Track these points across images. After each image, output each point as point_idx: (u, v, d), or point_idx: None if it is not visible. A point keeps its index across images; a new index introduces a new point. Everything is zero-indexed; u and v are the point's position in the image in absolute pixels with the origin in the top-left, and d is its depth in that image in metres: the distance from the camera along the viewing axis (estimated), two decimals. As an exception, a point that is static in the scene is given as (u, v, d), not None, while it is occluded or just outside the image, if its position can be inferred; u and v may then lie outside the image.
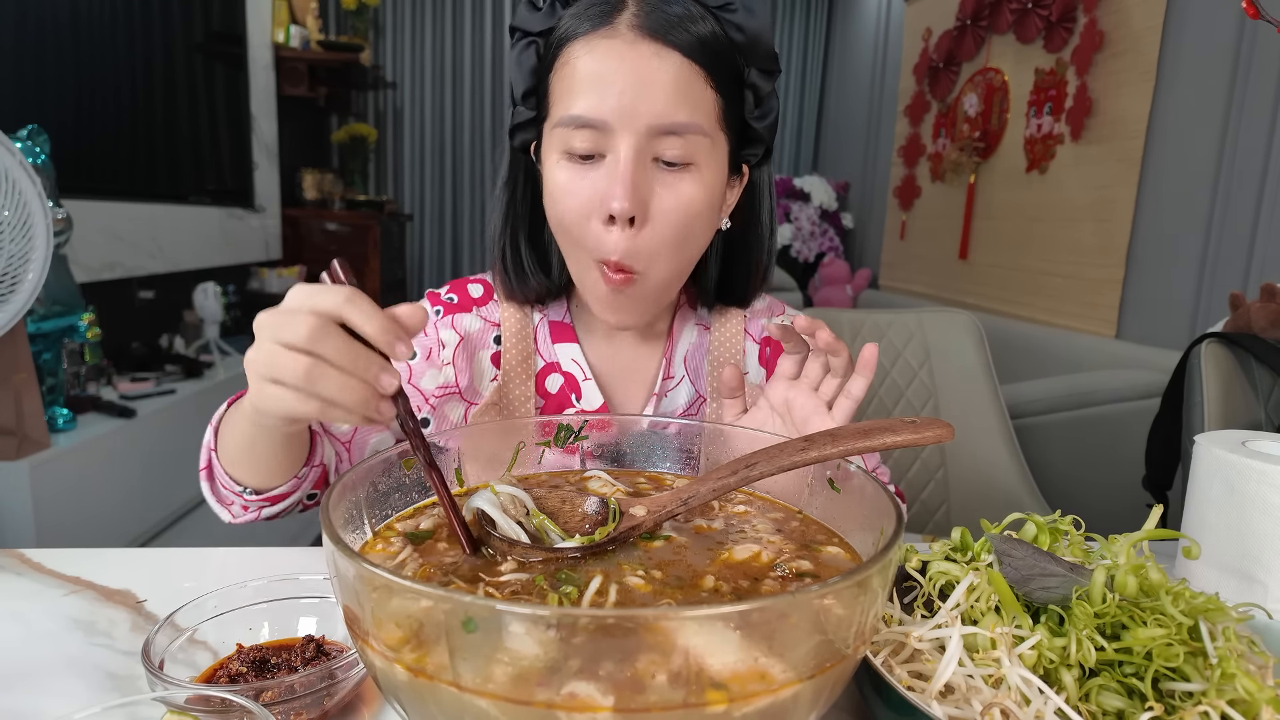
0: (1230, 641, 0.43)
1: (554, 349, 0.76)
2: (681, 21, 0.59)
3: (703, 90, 0.60)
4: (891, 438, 0.44)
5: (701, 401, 0.79)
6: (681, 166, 0.61)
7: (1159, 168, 2.27)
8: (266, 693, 0.46)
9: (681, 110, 0.59)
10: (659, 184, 0.61)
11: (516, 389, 0.74)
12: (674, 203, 0.61)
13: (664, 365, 0.77)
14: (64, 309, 1.78)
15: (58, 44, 2.26)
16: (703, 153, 0.61)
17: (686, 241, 0.63)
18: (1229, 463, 0.66)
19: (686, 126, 0.59)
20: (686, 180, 0.61)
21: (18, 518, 1.65)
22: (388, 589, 0.32)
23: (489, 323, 0.76)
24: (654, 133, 0.59)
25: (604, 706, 0.29)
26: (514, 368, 0.74)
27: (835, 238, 4.32)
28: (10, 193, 1.29)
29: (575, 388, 0.75)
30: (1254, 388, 1.22)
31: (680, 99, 0.59)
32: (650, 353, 0.78)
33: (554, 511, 0.48)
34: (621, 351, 0.78)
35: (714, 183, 0.63)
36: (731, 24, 0.61)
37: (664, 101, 0.59)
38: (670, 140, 0.60)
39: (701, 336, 0.80)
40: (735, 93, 0.63)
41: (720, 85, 0.61)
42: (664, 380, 0.77)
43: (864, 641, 0.35)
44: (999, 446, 1.62)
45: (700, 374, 0.79)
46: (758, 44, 0.62)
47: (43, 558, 0.70)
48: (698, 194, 0.61)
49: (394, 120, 4.85)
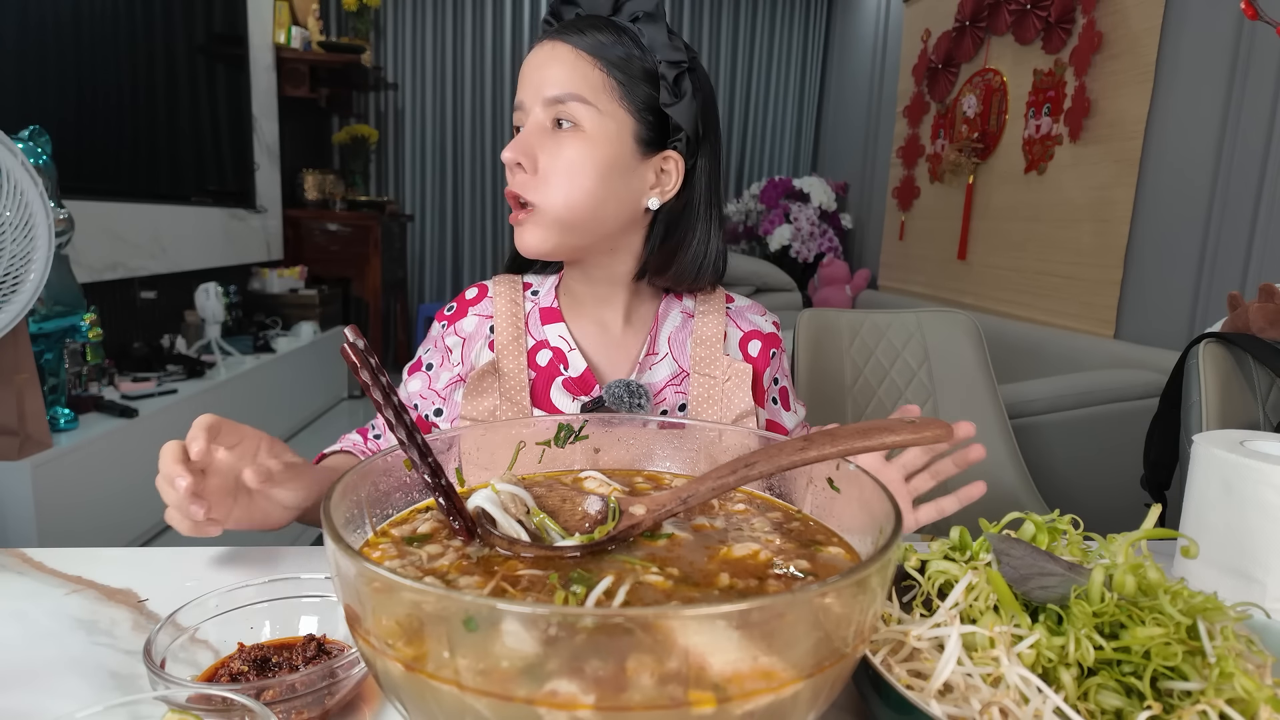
0: (1228, 641, 0.44)
1: (544, 329, 0.86)
2: (580, 29, 0.77)
3: (589, 71, 0.75)
4: (890, 438, 0.44)
5: (684, 375, 0.86)
6: (571, 128, 0.76)
7: (1157, 168, 2.28)
8: (268, 691, 0.46)
9: (569, 84, 0.75)
10: (550, 141, 0.76)
11: (509, 362, 0.84)
12: (557, 153, 0.76)
13: (648, 343, 0.87)
14: (66, 309, 1.78)
15: (60, 45, 2.27)
16: (588, 120, 0.75)
17: (576, 183, 0.76)
18: (1227, 462, 0.66)
19: (568, 96, 0.75)
20: (568, 138, 0.76)
21: (20, 517, 1.65)
22: (389, 588, 0.32)
23: (483, 317, 0.88)
24: (548, 103, 0.76)
25: (603, 706, 0.30)
26: (507, 345, 0.84)
27: (834, 238, 4.33)
28: (12, 193, 1.29)
29: (563, 359, 0.85)
30: (1252, 388, 1.22)
31: (567, 77, 0.75)
32: (635, 333, 0.88)
33: (554, 510, 0.48)
34: (607, 331, 0.87)
35: (604, 144, 0.76)
36: (629, 30, 0.77)
37: (555, 80, 0.76)
38: (558, 108, 0.76)
39: (686, 322, 0.89)
40: (640, 79, 0.77)
41: (614, 70, 0.76)
42: (648, 355, 0.86)
43: (863, 640, 0.36)
44: (998, 446, 1.62)
45: (684, 351, 0.87)
46: (655, 41, 0.77)
47: (44, 557, 0.70)
48: (579, 149, 0.75)
49: (395, 121, 4.85)
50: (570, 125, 0.76)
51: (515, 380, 0.83)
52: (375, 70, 4.66)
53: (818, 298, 4.08)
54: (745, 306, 0.93)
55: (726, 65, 4.99)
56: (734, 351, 0.89)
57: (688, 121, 0.78)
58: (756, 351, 0.90)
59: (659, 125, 0.79)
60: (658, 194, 0.80)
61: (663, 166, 0.80)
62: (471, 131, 4.88)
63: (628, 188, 0.79)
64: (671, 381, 0.86)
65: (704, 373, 0.85)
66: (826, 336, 1.68)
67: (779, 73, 5.05)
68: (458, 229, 5.02)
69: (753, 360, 0.89)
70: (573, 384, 0.84)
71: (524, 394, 0.83)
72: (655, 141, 0.79)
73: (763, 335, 0.91)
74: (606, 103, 0.76)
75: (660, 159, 0.80)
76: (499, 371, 0.83)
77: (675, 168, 0.80)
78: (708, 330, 0.87)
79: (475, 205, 4.99)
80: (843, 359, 1.67)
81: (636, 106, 0.77)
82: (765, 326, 0.92)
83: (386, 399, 0.43)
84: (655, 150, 0.79)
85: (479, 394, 0.82)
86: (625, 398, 0.80)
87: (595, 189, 0.76)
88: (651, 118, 0.78)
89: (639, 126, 0.77)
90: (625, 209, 0.79)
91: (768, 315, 0.94)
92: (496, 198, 4.99)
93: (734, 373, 0.84)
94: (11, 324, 1.35)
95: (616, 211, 0.79)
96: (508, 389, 0.83)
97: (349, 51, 4.12)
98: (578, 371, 0.84)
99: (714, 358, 0.86)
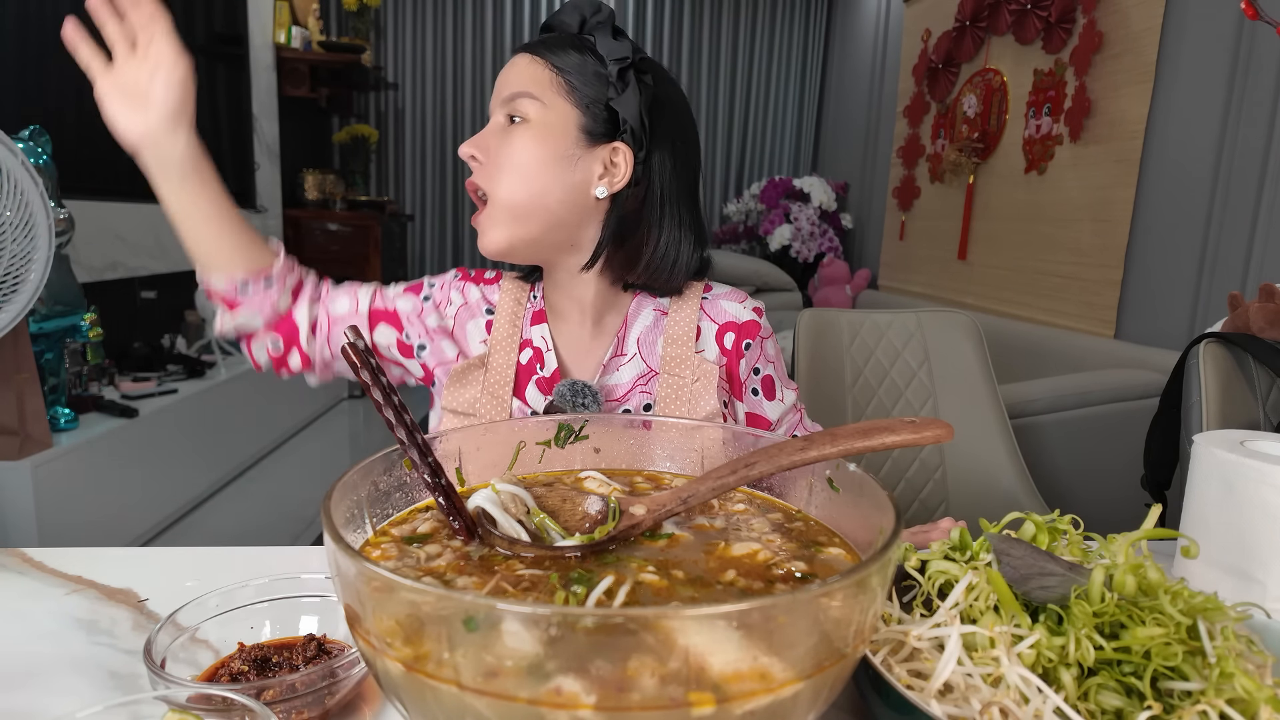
0: (1229, 641, 0.44)
1: (531, 330, 0.90)
2: (547, 42, 0.83)
3: (539, 71, 0.81)
4: (890, 437, 0.44)
5: (653, 375, 0.88)
6: (520, 123, 0.81)
7: (1158, 168, 2.28)
8: (268, 691, 0.46)
9: (517, 85, 0.82)
10: (502, 134, 0.82)
11: (499, 357, 0.88)
12: (505, 144, 0.82)
13: (615, 344, 0.89)
14: (66, 309, 1.78)
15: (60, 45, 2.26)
16: (534, 112, 0.81)
17: (518, 171, 0.81)
18: (1227, 462, 0.66)
19: (517, 94, 0.81)
20: (517, 130, 0.82)
21: (20, 517, 1.65)
22: (389, 588, 0.32)
23: (488, 301, 0.93)
24: (503, 102, 0.83)
25: (603, 706, 0.30)
26: (501, 341, 0.89)
27: (835, 238, 4.33)
28: (12, 193, 1.29)
29: (540, 358, 0.88)
30: (1252, 388, 1.22)
31: (519, 78, 0.82)
32: (605, 334, 0.90)
33: (554, 510, 0.48)
34: (580, 331, 0.90)
35: (545, 133, 0.81)
36: (590, 44, 0.82)
37: (510, 83, 0.83)
38: (510, 105, 0.82)
39: (658, 320, 0.90)
40: (591, 79, 0.82)
41: (564, 72, 0.81)
42: (614, 357, 0.89)
43: (863, 640, 0.36)
44: (998, 446, 1.62)
45: (654, 351, 0.89)
46: (605, 45, 0.82)
47: (45, 557, 0.70)
48: (522, 138, 0.81)
49: (395, 121, 4.85)
50: (520, 120, 0.82)
51: (501, 375, 0.87)
52: (375, 70, 4.66)
53: (818, 298, 4.08)
54: (722, 294, 0.92)
55: (726, 65, 4.99)
56: (709, 345, 0.89)
57: (631, 113, 0.81)
58: (731, 344, 0.89)
59: (609, 119, 0.83)
60: (605, 183, 0.83)
61: (612, 158, 0.83)
62: (472, 131, 4.87)
63: (572, 176, 0.82)
64: (638, 382, 0.88)
65: (673, 373, 0.86)
66: (826, 336, 1.68)
67: (779, 73, 5.05)
68: (458, 229, 5.02)
69: (726, 353, 0.89)
70: (544, 383, 0.87)
71: (506, 389, 0.86)
72: (604, 134, 0.83)
73: (738, 325, 0.90)
74: (552, 97, 0.81)
75: (609, 150, 0.83)
76: (486, 365, 0.87)
77: (625, 160, 0.83)
78: (679, 328, 0.88)
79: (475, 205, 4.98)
80: (843, 359, 1.67)
81: (584, 101, 0.82)
82: (742, 315, 0.90)
83: (387, 399, 0.43)
84: (603, 141, 0.83)
85: (462, 385, 0.85)
86: (570, 398, 0.82)
87: (538, 175, 0.81)
88: (600, 111, 0.82)
89: (584, 118, 0.82)
90: (573, 196, 0.82)
91: (747, 303, 0.92)
92: (497, 198, 4.99)
93: (703, 373, 0.85)
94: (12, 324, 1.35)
95: (563, 199, 0.82)
96: (491, 383, 0.86)
97: (349, 51, 4.11)
98: (549, 371, 0.87)
99: (684, 357, 0.86)
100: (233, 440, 2.73)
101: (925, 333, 1.69)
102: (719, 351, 0.89)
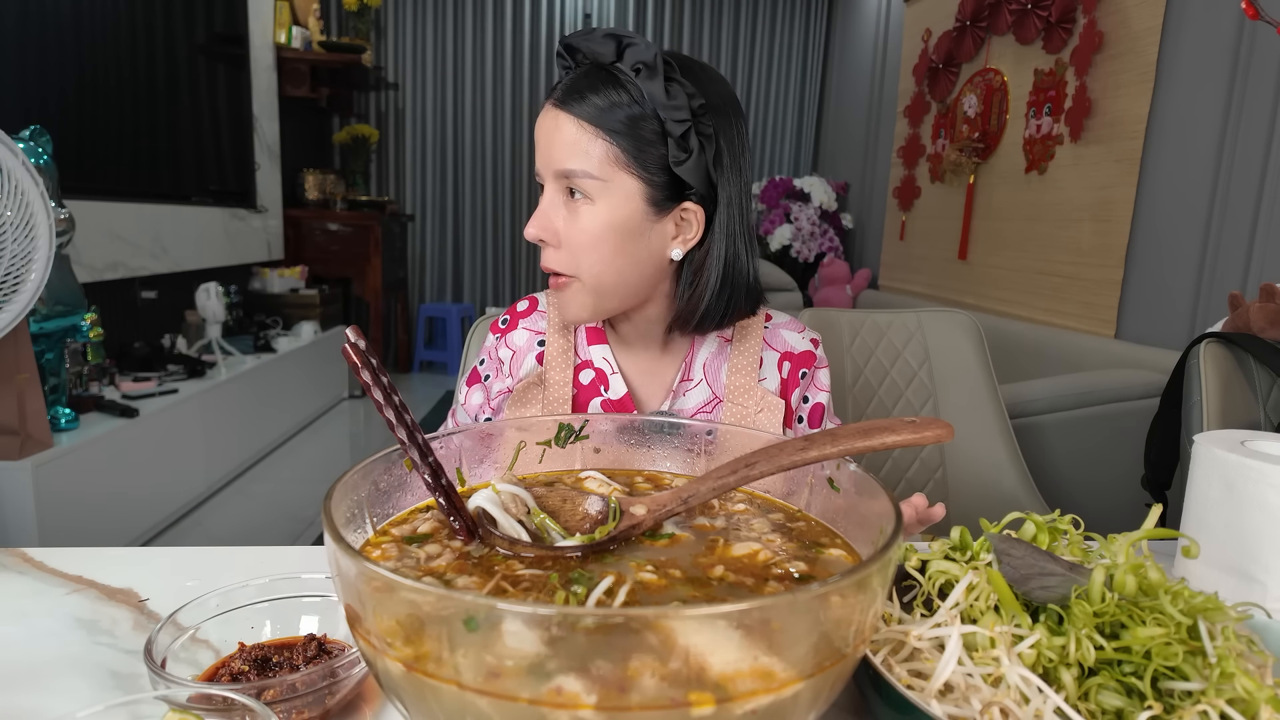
0: (1229, 641, 0.44)
1: (589, 349, 0.89)
2: (580, 92, 0.76)
3: (591, 144, 0.75)
4: (891, 437, 0.44)
5: (717, 402, 0.88)
6: (583, 198, 0.77)
7: (1158, 168, 2.28)
8: (268, 691, 0.46)
9: (572, 160, 0.76)
10: (568, 211, 0.78)
11: (555, 375, 0.87)
12: (575, 226, 0.78)
13: (683, 369, 0.88)
14: (67, 309, 1.78)
15: (60, 45, 2.27)
16: (596, 192, 0.76)
17: (598, 253, 0.78)
18: (1228, 462, 0.66)
19: (574, 173, 0.76)
20: (584, 210, 0.78)
21: (20, 517, 1.65)
22: (389, 587, 0.32)
23: (534, 332, 0.91)
24: (559, 176, 0.78)
25: (603, 706, 0.30)
26: (555, 359, 0.88)
27: (835, 238, 4.33)
28: (13, 193, 1.29)
29: (604, 380, 0.87)
30: (1253, 388, 1.22)
31: (570, 151, 0.76)
32: (671, 360, 0.90)
33: (555, 510, 0.48)
34: (645, 355, 0.89)
35: (614, 212, 0.77)
36: (632, 85, 0.75)
37: (559, 154, 0.77)
38: (568, 180, 0.77)
39: (722, 348, 0.90)
40: (648, 142, 0.76)
41: (618, 138, 0.75)
42: (682, 381, 0.88)
43: (863, 640, 0.36)
44: (998, 446, 1.62)
45: (718, 378, 0.88)
46: (655, 98, 0.75)
47: (45, 557, 0.70)
48: (593, 220, 0.77)
49: (395, 121, 4.85)
50: (582, 197, 0.78)
51: (560, 392, 0.86)
52: (376, 70, 4.66)
53: (818, 297, 4.08)
54: (782, 324, 0.93)
55: (727, 66, 4.99)
56: (770, 374, 0.90)
57: (697, 178, 0.78)
58: (787, 374, 0.90)
59: (672, 180, 0.78)
60: (680, 244, 0.81)
61: (682, 216, 0.80)
62: (472, 131, 4.88)
63: (648, 247, 0.80)
64: (703, 408, 0.88)
65: (736, 401, 0.86)
66: (827, 336, 1.67)
67: (779, 73, 5.05)
68: (458, 229, 5.02)
69: (783, 382, 0.90)
70: (611, 406, 0.86)
71: (566, 406, 0.85)
72: (670, 196, 0.79)
73: (794, 355, 0.91)
74: (613, 173, 0.76)
75: (679, 210, 0.80)
76: (545, 382, 0.86)
77: (695, 217, 0.80)
78: (743, 358, 0.88)
79: (476, 205, 4.99)
80: (843, 358, 1.67)
81: (646, 170, 0.77)
82: (799, 345, 0.91)
83: (387, 399, 0.43)
84: (671, 204, 0.79)
85: (524, 404, 0.85)
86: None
87: (615, 256, 0.78)
88: (663, 176, 0.78)
89: (648, 189, 0.77)
90: (650, 265, 0.81)
91: (806, 333, 0.93)
92: (497, 198, 5.00)
93: (766, 405, 0.86)
94: (12, 324, 1.35)
95: (642, 271, 0.81)
96: (551, 400, 0.85)
97: (349, 51, 4.12)
98: (618, 395, 0.86)
99: (748, 386, 0.87)
100: (233, 440, 2.74)
101: (926, 332, 1.69)
102: (779, 380, 0.90)
